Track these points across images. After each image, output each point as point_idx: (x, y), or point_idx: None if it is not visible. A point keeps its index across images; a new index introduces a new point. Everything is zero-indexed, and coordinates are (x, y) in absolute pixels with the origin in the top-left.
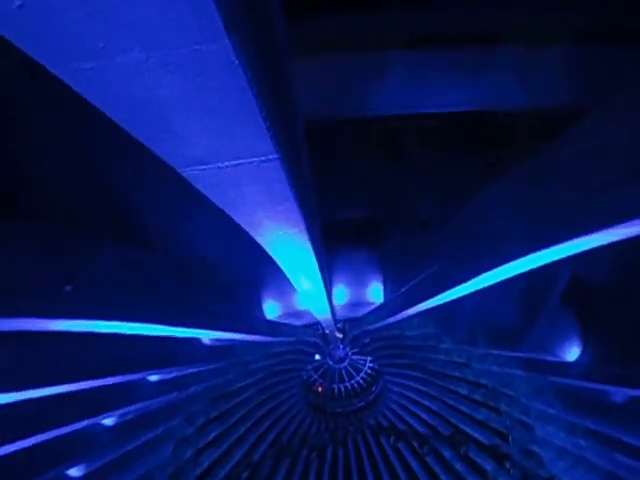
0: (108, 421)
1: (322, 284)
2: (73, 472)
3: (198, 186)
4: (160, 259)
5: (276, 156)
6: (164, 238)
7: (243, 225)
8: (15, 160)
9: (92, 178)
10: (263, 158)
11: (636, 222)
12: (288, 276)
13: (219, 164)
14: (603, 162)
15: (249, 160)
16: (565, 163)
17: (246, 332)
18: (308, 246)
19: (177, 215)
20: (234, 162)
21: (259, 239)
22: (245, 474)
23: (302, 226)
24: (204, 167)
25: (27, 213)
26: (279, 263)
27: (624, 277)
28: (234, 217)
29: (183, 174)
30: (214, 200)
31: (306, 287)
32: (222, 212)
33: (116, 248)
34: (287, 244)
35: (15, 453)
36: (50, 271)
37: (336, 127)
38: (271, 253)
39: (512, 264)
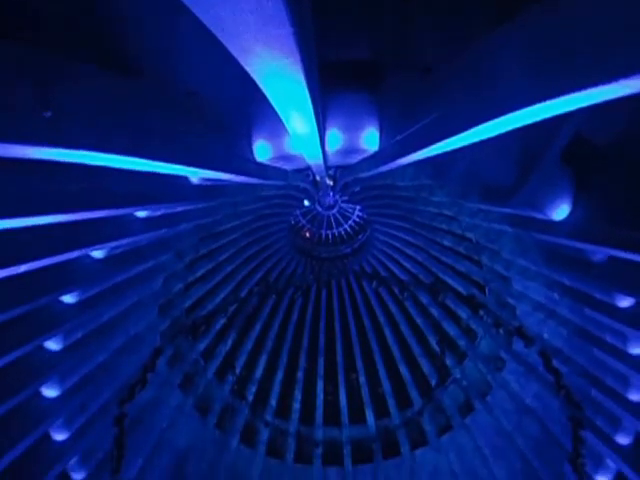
0: (99, 254)
1: (315, 124)
2: (67, 299)
3: (188, 3)
4: (148, 90)
5: None
6: (153, 69)
7: (234, 52)
8: None
9: None
10: None
11: None
12: (279, 114)
13: None
14: (618, 13)
15: None
16: (578, 12)
17: (235, 172)
18: (302, 80)
19: (167, 44)
20: None
21: (250, 69)
22: (232, 308)
23: (297, 56)
24: None
25: (8, 34)
26: (270, 98)
27: (627, 141)
28: (224, 41)
29: None
30: (204, 20)
31: (298, 128)
32: (214, 41)
33: (102, 74)
34: (280, 76)
35: (11, 278)
36: (30, 95)
37: None
38: (262, 86)
39: (514, 115)
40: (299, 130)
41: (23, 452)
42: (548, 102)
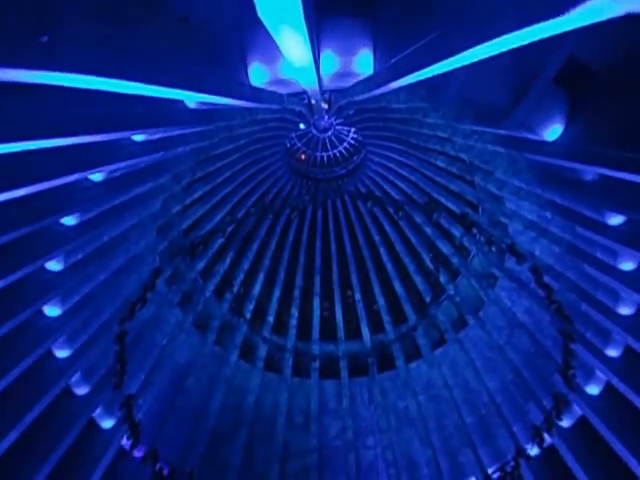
0: (98, 177)
1: (309, 45)
2: (68, 221)
3: None
4: (143, 15)
5: None
6: None
7: None
8: None
9: None
10: None
11: None
12: (273, 35)
13: None
14: None
15: None
16: None
17: (231, 96)
18: None
19: None
20: None
21: None
22: (230, 228)
23: None
24: None
25: None
26: (262, 16)
27: (620, 63)
28: None
29: None
30: None
31: (292, 49)
32: None
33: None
34: None
35: (13, 201)
36: (24, 20)
37: None
38: (254, 4)
39: (509, 36)
40: (293, 52)
41: (27, 369)
42: (545, 23)
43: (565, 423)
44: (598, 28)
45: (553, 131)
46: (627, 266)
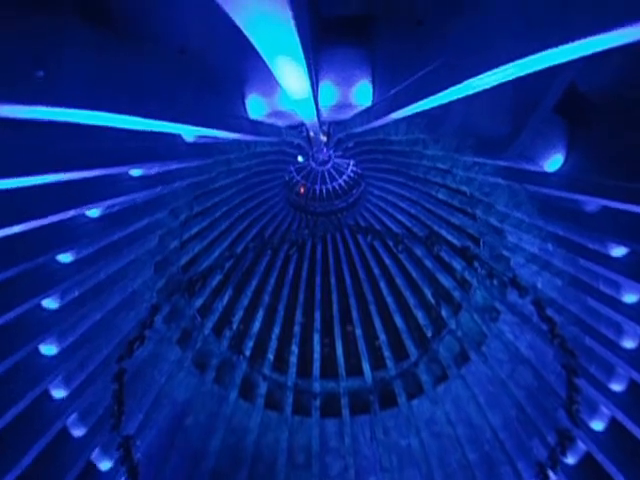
0: (95, 213)
1: (307, 75)
2: (64, 258)
3: None
4: (139, 48)
5: None
6: (143, 27)
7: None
8: None
9: None
10: None
11: None
12: (269, 65)
13: None
14: None
15: None
16: None
17: (229, 130)
18: (292, 27)
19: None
20: None
21: (237, 18)
22: (228, 264)
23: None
24: None
25: None
26: (259, 48)
27: (620, 94)
28: None
29: None
30: None
31: (290, 81)
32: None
33: (92, 33)
34: (268, 23)
35: (8, 238)
36: (20, 54)
37: None
38: (249, 35)
39: (508, 67)
40: (291, 84)
41: (23, 410)
42: (543, 53)
43: (570, 460)
44: (597, 59)
45: (554, 162)
46: (630, 298)
